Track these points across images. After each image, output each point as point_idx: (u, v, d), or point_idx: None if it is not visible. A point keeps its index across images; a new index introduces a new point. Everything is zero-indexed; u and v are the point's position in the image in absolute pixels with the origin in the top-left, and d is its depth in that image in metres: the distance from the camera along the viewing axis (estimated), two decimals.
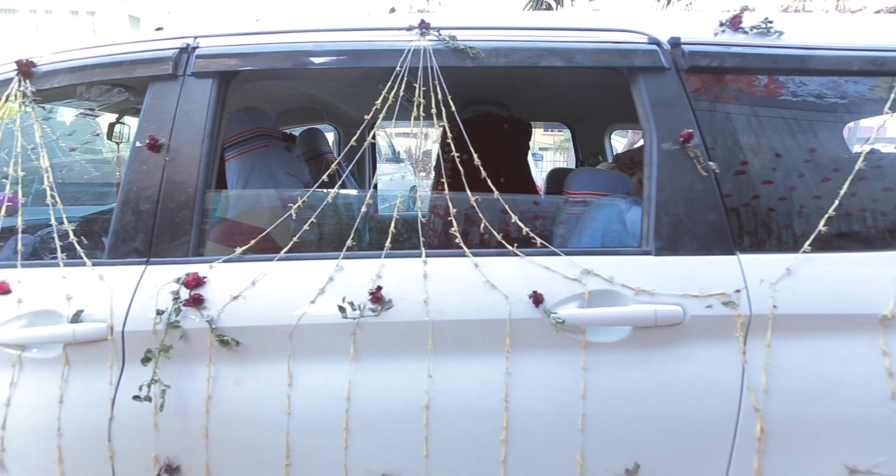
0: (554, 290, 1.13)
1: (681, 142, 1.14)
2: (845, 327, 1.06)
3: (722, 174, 1.15)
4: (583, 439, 1.09)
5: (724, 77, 1.20)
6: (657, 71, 1.19)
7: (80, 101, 1.90)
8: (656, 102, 1.18)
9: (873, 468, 1.02)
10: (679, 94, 1.17)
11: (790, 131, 1.19)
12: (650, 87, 1.19)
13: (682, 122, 1.16)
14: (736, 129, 1.18)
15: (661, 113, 1.17)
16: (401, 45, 1.24)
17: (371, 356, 1.16)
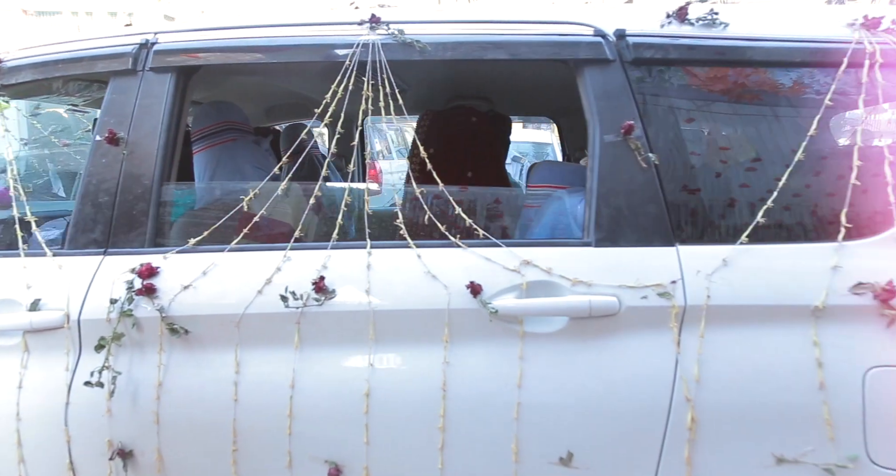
0: (493, 281, 1.16)
1: (622, 133, 1.16)
2: (779, 318, 1.08)
3: (663, 166, 1.17)
4: (518, 428, 1.12)
5: (669, 69, 1.21)
6: (602, 63, 1.21)
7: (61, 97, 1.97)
8: (600, 94, 1.20)
9: (800, 457, 1.04)
10: (623, 86, 1.20)
11: (732, 124, 1.20)
12: (594, 79, 1.21)
13: (624, 114, 1.18)
14: (679, 121, 1.20)
15: (604, 105, 1.20)
16: (351, 39, 1.28)
17: (315, 345, 1.20)
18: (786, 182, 1.13)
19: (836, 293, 1.06)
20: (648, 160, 1.15)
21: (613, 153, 1.18)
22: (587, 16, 1.25)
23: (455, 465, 1.15)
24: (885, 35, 1.14)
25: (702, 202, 1.18)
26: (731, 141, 1.23)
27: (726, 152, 1.21)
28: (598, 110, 1.20)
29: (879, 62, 1.12)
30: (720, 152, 1.20)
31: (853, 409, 1.03)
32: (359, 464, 1.18)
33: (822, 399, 1.03)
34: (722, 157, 1.20)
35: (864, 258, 1.08)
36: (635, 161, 1.17)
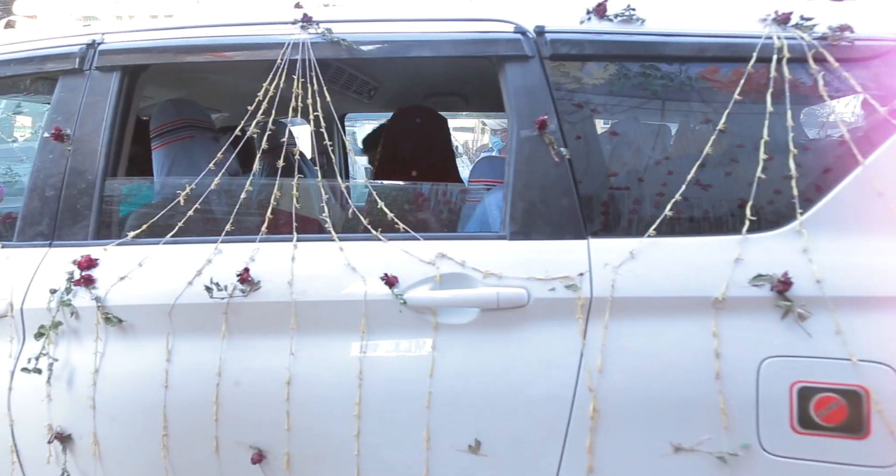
0: (410, 273, 1.22)
1: (536, 128, 1.21)
2: (681, 310, 1.12)
3: (576, 161, 1.22)
4: (429, 416, 1.18)
5: (586, 64, 1.26)
6: (521, 59, 1.26)
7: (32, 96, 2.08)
8: (518, 90, 1.26)
9: (696, 446, 1.08)
10: (540, 81, 1.25)
11: (645, 119, 1.25)
12: (513, 75, 1.26)
13: (541, 110, 1.23)
14: (594, 116, 1.25)
15: (521, 100, 1.25)
16: (283, 38, 1.35)
17: (241, 334, 1.27)
18: (694, 176, 1.17)
19: (736, 285, 1.10)
20: (561, 155, 1.20)
21: (529, 148, 1.23)
22: (510, 13, 1.30)
23: (370, 452, 1.22)
24: (794, 30, 1.17)
25: (613, 196, 1.23)
26: (643, 136, 1.27)
27: (638, 147, 1.25)
28: (515, 106, 1.25)
29: (787, 57, 1.15)
30: (633, 147, 1.25)
31: (747, 398, 1.07)
32: (280, 450, 1.25)
33: (718, 389, 1.08)
34: (634, 152, 1.25)
35: (766, 251, 1.12)
36: (549, 156, 1.22)
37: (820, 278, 1.07)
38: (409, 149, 1.90)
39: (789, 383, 1.06)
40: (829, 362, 1.05)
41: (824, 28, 1.17)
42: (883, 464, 1.03)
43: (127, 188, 1.46)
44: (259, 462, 1.26)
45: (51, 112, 1.45)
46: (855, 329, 1.05)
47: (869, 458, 1.04)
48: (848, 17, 1.18)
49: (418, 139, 1.90)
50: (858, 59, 1.15)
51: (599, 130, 1.26)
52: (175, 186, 1.40)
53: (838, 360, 1.05)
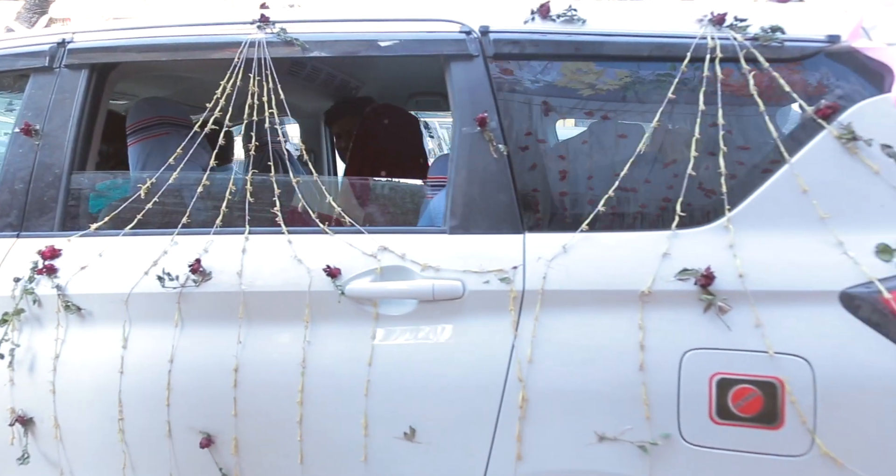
0: (353, 265, 1.28)
1: (477, 125, 1.27)
2: (610, 303, 1.17)
3: (515, 157, 1.27)
4: (367, 404, 1.24)
5: (528, 63, 1.32)
6: (465, 58, 1.32)
7: None
8: (462, 88, 1.32)
9: (619, 435, 1.13)
10: (483, 80, 1.30)
11: (584, 116, 1.30)
12: (458, 73, 1.32)
13: (482, 107, 1.29)
14: (533, 113, 1.30)
15: (465, 98, 1.31)
16: (240, 38, 1.42)
17: (193, 323, 1.35)
18: (627, 172, 1.22)
19: (663, 279, 1.15)
20: (499, 151, 1.26)
21: (470, 145, 1.29)
22: (457, 13, 1.36)
23: (313, 438, 1.28)
24: (728, 31, 1.22)
25: (550, 192, 1.28)
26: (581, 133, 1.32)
27: (576, 144, 1.30)
28: (458, 103, 1.31)
29: (719, 57, 1.20)
30: (570, 143, 1.30)
31: (669, 389, 1.12)
32: (228, 435, 1.32)
33: (641, 380, 1.12)
34: (571, 149, 1.30)
35: (693, 246, 1.16)
36: (489, 152, 1.27)
37: (743, 273, 1.12)
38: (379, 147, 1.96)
39: (709, 375, 1.11)
40: (747, 354, 1.10)
41: (757, 29, 1.21)
42: (795, 453, 1.08)
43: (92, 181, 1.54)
44: (208, 446, 1.33)
45: (22, 108, 1.53)
46: (774, 322, 1.10)
47: (782, 448, 1.08)
48: (780, 19, 1.22)
49: (389, 138, 1.96)
50: (788, 59, 1.19)
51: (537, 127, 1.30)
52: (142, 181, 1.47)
53: (756, 353, 1.09)
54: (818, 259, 1.11)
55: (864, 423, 1.06)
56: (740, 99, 1.21)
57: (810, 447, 1.07)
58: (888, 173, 1.12)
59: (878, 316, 1.06)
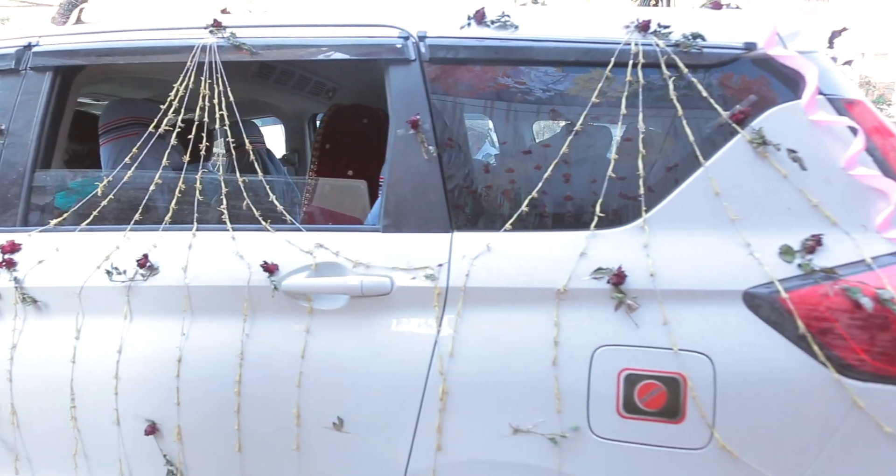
0: (291, 261, 1.36)
1: (409, 127, 1.34)
2: (528, 300, 1.23)
3: (446, 158, 1.34)
4: (300, 395, 1.32)
5: (461, 68, 1.39)
6: (403, 62, 1.39)
7: None
8: (399, 92, 1.39)
9: (532, 428, 1.20)
10: (418, 83, 1.38)
11: (512, 120, 1.37)
12: (396, 77, 1.40)
13: (417, 110, 1.36)
14: (465, 116, 1.37)
15: (401, 101, 1.38)
16: (193, 42, 1.50)
17: (141, 315, 1.43)
18: (550, 174, 1.28)
19: (578, 278, 1.21)
20: (430, 153, 1.33)
21: (404, 146, 1.36)
22: (398, 19, 1.43)
23: (249, 427, 1.36)
24: (652, 37, 1.28)
25: (478, 192, 1.35)
26: (509, 135, 1.39)
27: (504, 146, 1.37)
28: (395, 106, 1.38)
29: (641, 62, 1.26)
30: (499, 146, 1.36)
31: (580, 384, 1.18)
32: (172, 423, 1.41)
33: (554, 375, 1.19)
34: (500, 151, 1.36)
35: (610, 246, 1.22)
36: (421, 154, 1.34)
37: (654, 272, 1.18)
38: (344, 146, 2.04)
39: (618, 370, 1.17)
40: (653, 351, 1.16)
41: (679, 35, 1.27)
42: (695, 446, 1.13)
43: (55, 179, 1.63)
44: (152, 433, 1.42)
45: None
46: (680, 320, 1.16)
47: (683, 441, 1.14)
48: (702, 26, 1.27)
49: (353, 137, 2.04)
50: (706, 65, 1.25)
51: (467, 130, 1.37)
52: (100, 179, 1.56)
53: (662, 350, 1.15)
54: (725, 259, 1.17)
55: (759, 419, 1.12)
56: (662, 103, 1.27)
57: (709, 441, 1.13)
58: (795, 177, 1.17)
59: (776, 315, 1.11)
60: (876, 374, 1.07)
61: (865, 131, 1.17)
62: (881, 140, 1.17)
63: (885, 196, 1.13)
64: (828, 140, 1.17)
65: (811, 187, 1.17)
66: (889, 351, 1.06)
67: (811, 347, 1.09)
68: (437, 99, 1.37)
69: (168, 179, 1.53)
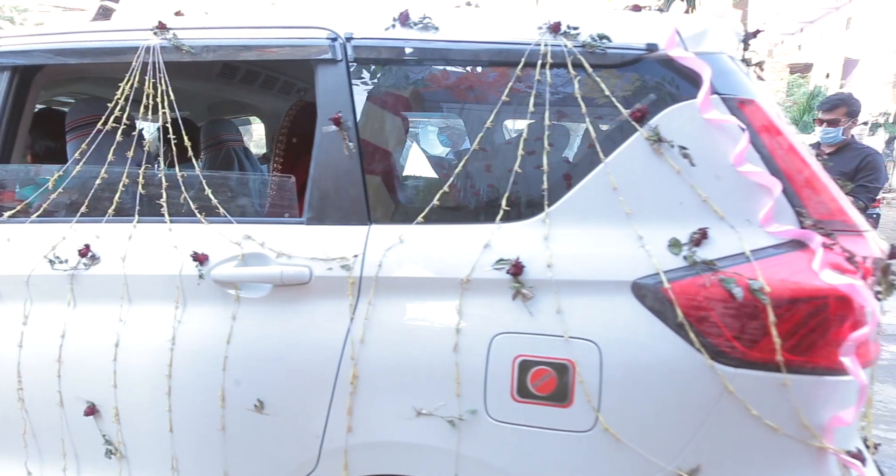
0: (221, 252, 1.46)
1: (332, 124, 1.43)
2: (435, 289, 1.32)
3: (366, 154, 1.43)
4: (224, 378, 1.42)
5: (385, 67, 1.48)
6: (331, 62, 1.49)
7: None
8: (326, 90, 1.48)
9: (434, 410, 1.28)
10: (343, 83, 1.47)
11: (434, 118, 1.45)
12: (323, 76, 1.49)
13: (341, 108, 1.45)
14: (386, 114, 1.46)
15: (327, 99, 1.47)
16: (137, 43, 1.61)
17: (84, 301, 1.54)
18: (462, 169, 1.37)
19: (481, 268, 1.29)
20: (351, 149, 1.42)
21: (328, 142, 1.45)
22: (328, 21, 1.52)
23: (179, 408, 1.46)
24: (562, 38, 1.36)
25: (395, 186, 1.44)
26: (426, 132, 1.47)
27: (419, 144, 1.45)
28: (322, 104, 1.47)
29: (549, 62, 1.34)
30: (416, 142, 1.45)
31: (478, 369, 1.26)
32: (110, 404, 1.51)
33: (455, 360, 1.27)
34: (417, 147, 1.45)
35: (514, 238, 1.30)
36: (343, 150, 1.44)
37: (551, 263, 1.26)
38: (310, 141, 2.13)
39: (513, 357, 1.25)
40: (546, 338, 1.24)
41: (586, 36, 1.34)
42: (582, 429, 1.21)
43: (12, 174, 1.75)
44: (92, 414, 1.53)
45: None
46: (572, 309, 1.23)
47: (571, 424, 1.22)
48: (610, 27, 1.35)
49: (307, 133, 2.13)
50: (610, 65, 1.33)
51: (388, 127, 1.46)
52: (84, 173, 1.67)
53: (554, 337, 1.23)
54: (619, 251, 1.24)
55: (640, 403, 1.19)
56: (568, 102, 1.35)
57: (594, 424, 1.20)
58: (688, 173, 1.24)
59: (659, 304, 1.19)
60: (745, 361, 1.14)
61: (756, 130, 1.24)
62: (769, 138, 1.24)
63: (769, 192, 1.20)
64: (720, 138, 1.24)
65: (702, 183, 1.23)
66: (758, 338, 1.13)
67: (688, 335, 1.16)
68: (360, 97, 1.46)
69: (114, 174, 1.63)
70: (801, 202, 1.20)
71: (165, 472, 1.51)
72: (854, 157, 3.54)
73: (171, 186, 1.57)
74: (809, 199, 1.21)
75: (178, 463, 1.50)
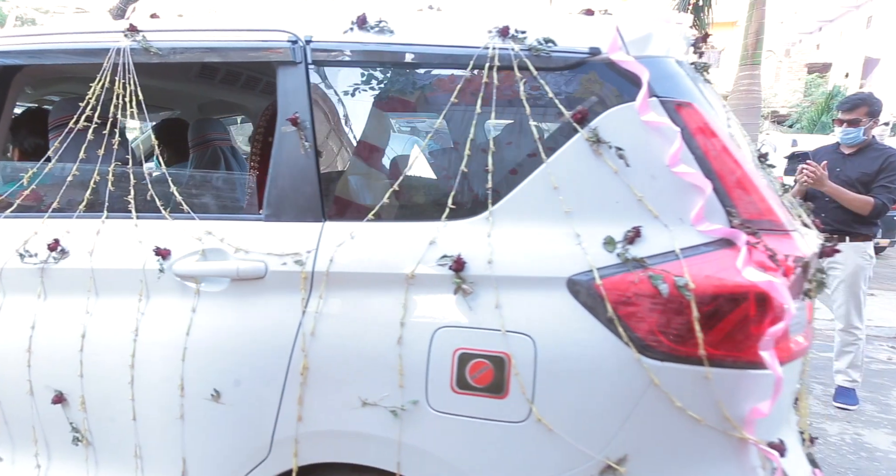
0: (184, 247, 1.53)
1: (290, 124, 1.50)
2: (383, 284, 1.38)
3: (322, 153, 1.50)
4: (184, 368, 1.49)
5: (343, 69, 1.54)
6: (291, 65, 1.55)
7: None
8: (286, 91, 1.55)
9: (378, 401, 1.35)
10: (302, 84, 1.54)
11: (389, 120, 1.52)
12: (284, 78, 1.56)
13: (299, 109, 1.52)
14: (340, 114, 1.53)
15: (287, 100, 1.54)
16: (109, 45, 1.69)
17: (53, 293, 1.62)
18: (411, 169, 1.43)
19: (426, 264, 1.35)
20: (307, 148, 1.49)
21: (286, 142, 1.52)
22: (290, 24, 1.59)
23: (142, 397, 1.54)
24: (510, 41, 1.42)
25: (348, 185, 1.50)
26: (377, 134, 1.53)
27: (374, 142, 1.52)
28: (282, 105, 1.54)
29: (496, 65, 1.40)
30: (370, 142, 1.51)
31: (421, 361, 1.32)
32: (76, 393, 1.59)
33: (398, 353, 1.34)
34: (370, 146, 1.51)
35: (459, 236, 1.36)
36: (299, 149, 1.50)
37: (491, 260, 1.32)
38: None
39: (453, 350, 1.31)
40: (484, 332, 1.29)
41: (533, 40, 1.40)
42: (516, 419, 1.27)
43: None
44: (60, 403, 1.60)
45: None
46: (511, 304, 1.29)
47: (507, 415, 1.28)
48: (556, 31, 1.41)
49: None
50: (555, 68, 1.39)
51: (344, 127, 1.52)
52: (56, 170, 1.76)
53: (492, 331, 1.29)
54: (556, 249, 1.30)
55: (571, 394, 1.25)
56: (514, 103, 1.40)
57: (528, 415, 1.26)
58: (624, 173, 1.30)
59: (591, 300, 1.24)
60: (670, 354, 1.19)
61: (691, 132, 1.29)
62: (704, 140, 1.29)
63: (701, 192, 1.25)
64: (656, 139, 1.29)
65: (638, 183, 1.29)
66: (682, 333, 1.19)
67: (617, 329, 1.21)
68: (318, 98, 1.53)
69: (85, 172, 1.71)
70: (731, 202, 1.25)
71: (129, 459, 1.58)
72: (876, 157, 3.53)
73: (138, 184, 1.64)
74: (740, 198, 1.26)
75: (141, 450, 1.57)
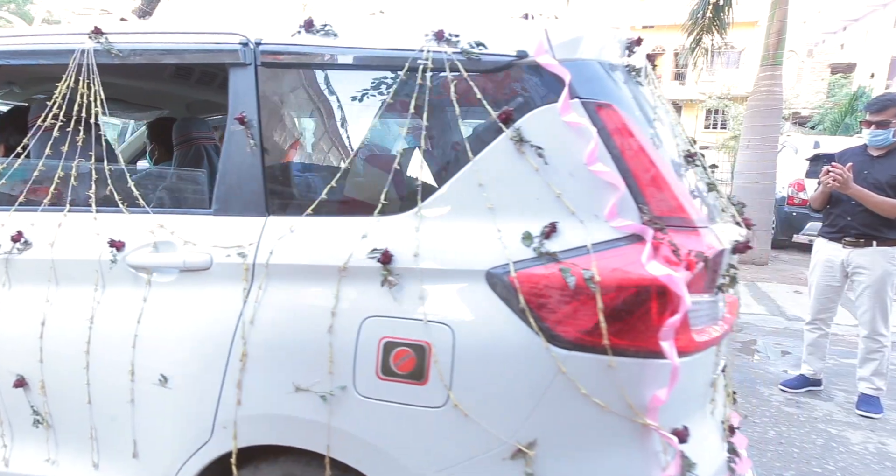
0: (138, 239, 1.64)
1: (238, 123, 1.60)
2: (318, 275, 1.47)
3: (267, 151, 1.60)
4: (134, 354, 1.59)
5: (289, 71, 1.64)
6: (241, 66, 1.65)
7: None
8: (236, 92, 1.64)
9: (311, 386, 1.43)
10: (251, 85, 1.63)
11: (326, 118, 1.61)
12: (234, 79, 1.65)
13: (246, 108, 1.61)
14: (286, 114, 1.62)
15: (237, 100, 1.64)
16: (74, 46, 1.79)
17: (18, 282, 1.73)
18: (348, 167, 1.52)
19: (357, 257, 1.44)
20: (252, 146, 1.58)
21: (235, 140, 1.62)
22: (242, 27, 1.69)
23: (97, 382, 1.64)
24: (444, 44, 1.50)
25: (291, 182, 1.59)
26: (320, 132, 1.62)
27: (315, 142, 1.61)
28: (232, 104, 1.64)
29: (430, 67, 1.49)
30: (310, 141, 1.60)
31: (349, 349, 1.41)
32: (36, 377, 1.70)
33: (329, 341, 1.42)
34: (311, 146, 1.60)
35: (389, 230, 1.45)
36: (245, 147, 1.60)
37: (417, 253, 1.40)
38: None
39: (378, 338, 1.39)
40: (407, 322, 1.38)
41: (465, 43, 1.48)
42: (435, 405, 1.35)
43: None
44: (21, 386, 1.71)
45: None
46: (433, 295, 1.37)
47: (427, 400, 1.36)
48: (487, 35, 1.49)
49: None
50: (484, 70, 1.47)
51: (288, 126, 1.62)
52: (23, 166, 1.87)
53: (414, 320, 1.37)
54: (479, 243, 1.38)
55: (486, 381, 1.33)
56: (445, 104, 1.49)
57: (446, 400, 1.34)
58: (545, 171, 1.38)
59: (506, 291, 1.32)
60: (576, 344, 1.27)
61: (609, 132, 1.37)
62: (621, 140, 1.37)
63: (615, 189, 1.33)
64: (576, 139, 1.37)
65: (557, 180, 1.37)
66: (588, 323, 1.26)
67: (528, 320, 1.29)
68: (265, 99, 1.62)
69: (50, 168, 1.82)
70: (644, 199, 1.33)
71: (84, 441, 1.69)
72: None
73: (99, 179, 1.75)
74: (652, 196, 1.33)
75: (97, 432, 1.68)
